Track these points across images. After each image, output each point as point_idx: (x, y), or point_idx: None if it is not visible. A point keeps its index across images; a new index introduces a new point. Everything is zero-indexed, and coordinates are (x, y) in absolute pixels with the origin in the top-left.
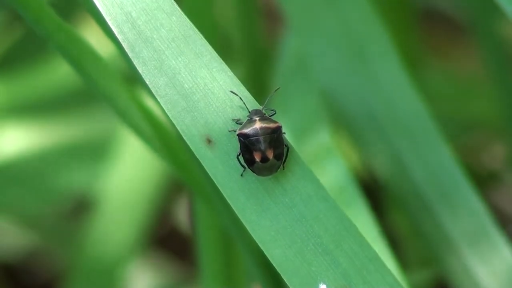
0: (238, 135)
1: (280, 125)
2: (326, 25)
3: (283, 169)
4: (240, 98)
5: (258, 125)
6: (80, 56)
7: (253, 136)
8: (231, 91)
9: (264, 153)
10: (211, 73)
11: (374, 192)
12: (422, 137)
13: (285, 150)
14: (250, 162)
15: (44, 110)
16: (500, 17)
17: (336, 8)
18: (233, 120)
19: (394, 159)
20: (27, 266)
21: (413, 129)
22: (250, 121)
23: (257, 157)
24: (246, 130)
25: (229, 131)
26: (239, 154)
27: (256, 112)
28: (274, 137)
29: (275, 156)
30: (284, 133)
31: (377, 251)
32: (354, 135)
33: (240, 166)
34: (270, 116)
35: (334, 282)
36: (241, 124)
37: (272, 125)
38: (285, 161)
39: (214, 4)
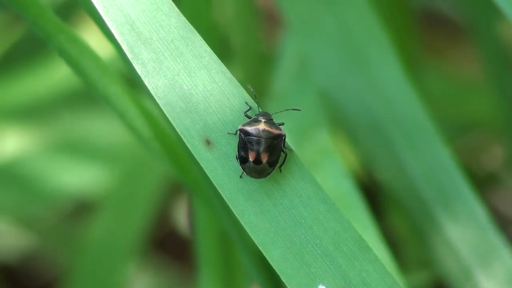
0: (239, 130)
1: (283, 133)
2: (325, 26)
3: (280, 172)
4: (255, 95)
5: (262, 126)
6: (79, 57)
7: (254, 135)
8: (249, 86)
9: (259, 155)
10: (210, 75)
11: (373, 194)
12: (421, 138)
13: (282, 156)
14: (243, 160)
15: (43, 111)
16: (499, 19)
17: (335, 9)
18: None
19: (393, 161)
20: (27, 267)
21: (412, 131)
22: (256, 120)
23: (251, 157)
24: (248, 128)
25: (229, 134)
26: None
27: (265, 114)
28: (274, 143)
29: (268, 162)
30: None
31: (376, 252)
32: (353, 136)
33: (239, 167)
34: (278, 125)
35: (333, 283)
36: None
37: (275, 131)
38: (282, 165)
39: (212, 5)
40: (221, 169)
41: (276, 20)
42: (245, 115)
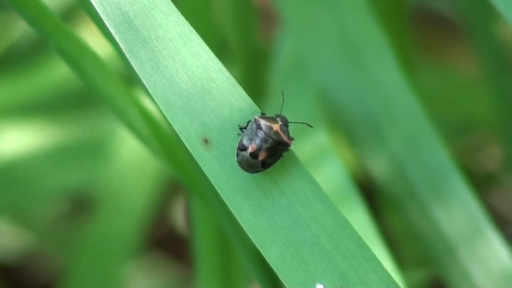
0: (255, 119)
1: (290, 144)
2: (322, 25)
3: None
4: (283, 98)
5: (276, 127)
6: (78, 56)
7: (264, 131)
8: (282, 90)
9: (259, 150)
10: (208, 74)
11: (371, 193)
12: (419, 138)
13: (277, 161)
14: (241, 147)
15: (42, 111)
16: (496, 19)
17: (332, 8)
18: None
19: (391, 160)
20: (25, 267)
21: (410, 130)
22: (273, 119)
23: (251, 149)
24: (263, 122)
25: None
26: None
27: (283, 118)
28: (277, 148)
29: (263, 161)
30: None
31: (373, 251)
32: (351, 135)
33: (235, 152)
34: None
35: (331, 282)
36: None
37: (285, 138)
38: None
39: (210, 4)
40: (219, 167)
41: (273, 18)
42: (262, 113)
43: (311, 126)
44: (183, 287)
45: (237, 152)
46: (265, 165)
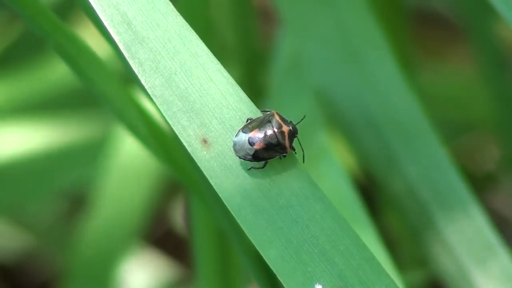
0: (272, 112)
1: (287, 151)
2: (321, 25)
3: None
4: (304, 117)
5: (285, 128)
6: (77, 56)
7: (273, 126)
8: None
9: (258, 140)
10: (207, 74)
11: (369, 193)
12: (418, 138)
13: (263, 163)
14: (245, 129)
15: (41, 111)
16: (495, 19)
17: (332, 8)
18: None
19: (390, 160)
20: (24, 267)
21: (409, 130)
22: (287, 122)
23: (252, 134)
24: (277, 118)
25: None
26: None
27: (295, 127)
28: (275, 147)
29: (256, 152)
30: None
31: (372, 251)
32: (350, 135)
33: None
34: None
35: (330, 282)
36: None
37: (286, 142)
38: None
39: (209, 4)
40: (218, 168)
41: (272, 18)
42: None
43: (303, 158)
44: (182, 287)
45: (237, 132)
46: (255, 157)
